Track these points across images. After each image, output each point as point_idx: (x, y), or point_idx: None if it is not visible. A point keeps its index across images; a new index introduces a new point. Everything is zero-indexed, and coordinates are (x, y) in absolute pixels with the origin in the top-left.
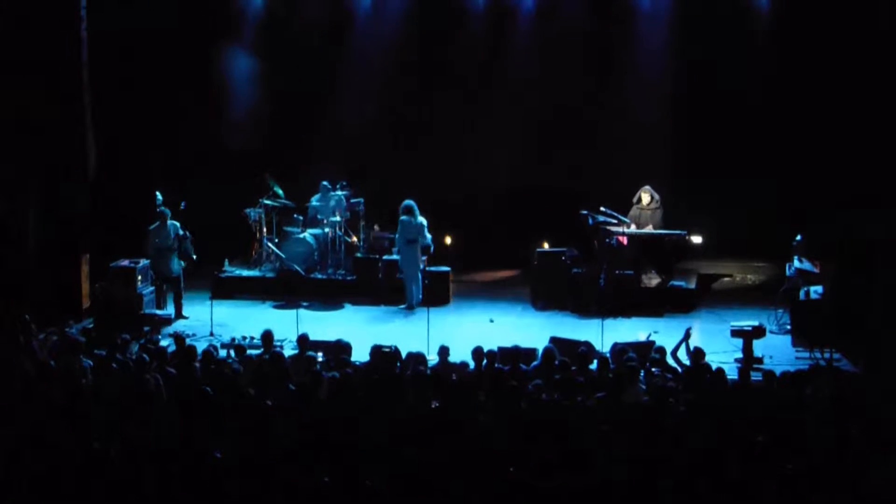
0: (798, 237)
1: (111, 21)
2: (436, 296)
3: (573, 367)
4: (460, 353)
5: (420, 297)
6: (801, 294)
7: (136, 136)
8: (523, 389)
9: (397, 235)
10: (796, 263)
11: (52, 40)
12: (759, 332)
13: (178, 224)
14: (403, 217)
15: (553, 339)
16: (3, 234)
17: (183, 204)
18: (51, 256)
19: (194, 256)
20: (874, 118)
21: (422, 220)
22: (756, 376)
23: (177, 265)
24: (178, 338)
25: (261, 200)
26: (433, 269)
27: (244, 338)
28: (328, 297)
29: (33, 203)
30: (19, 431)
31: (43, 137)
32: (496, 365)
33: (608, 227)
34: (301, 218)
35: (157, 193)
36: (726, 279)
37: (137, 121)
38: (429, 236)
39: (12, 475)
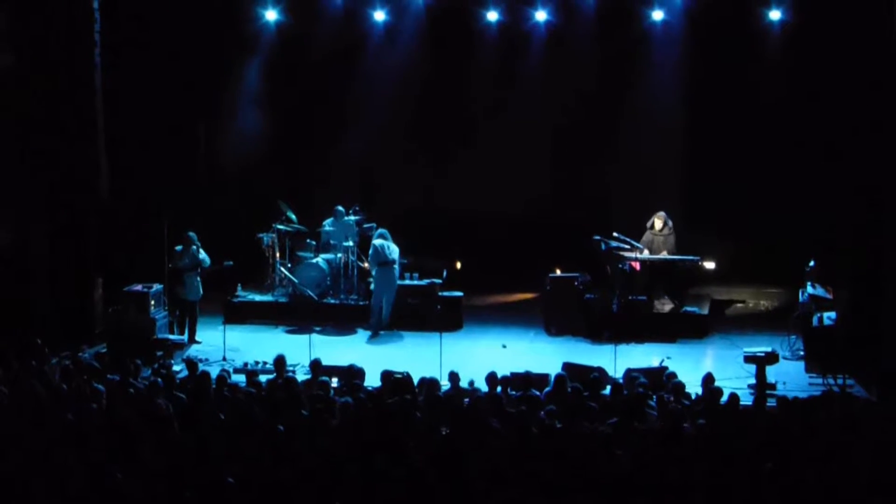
0: (811, 263)
1: (124, 45)
2: (448, 320)
3: (586, 393)
4: (473, 378)
5: (385, 321)
6: (815, 320)
7: (148, 161)
8: (535, 415)
9: (370, 259)
10: (809, 289)
11: (65, 65)
12: (772, 357)
13: (201, 251)
14: (377, 242)
15: (566, 365)
16: (15, 259)
17: (230, 263)
18: (63, 281)
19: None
20: (889, 143)
21: (394, 246)
22: (769, 402)
23: (194, 292)
24: (191, 363)
25: (274, 225)
26: (446, 293)
27: (257, 363)
28: (341, 321)
29: (46, 227)
30: (31, 456)
31: (55, 161)
32: (508, 391)
33: (621, 253)
34: (314, 243)
35: (191, 234)
36: (739, 305)
37: (150, 145)
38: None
39: (24, 500)
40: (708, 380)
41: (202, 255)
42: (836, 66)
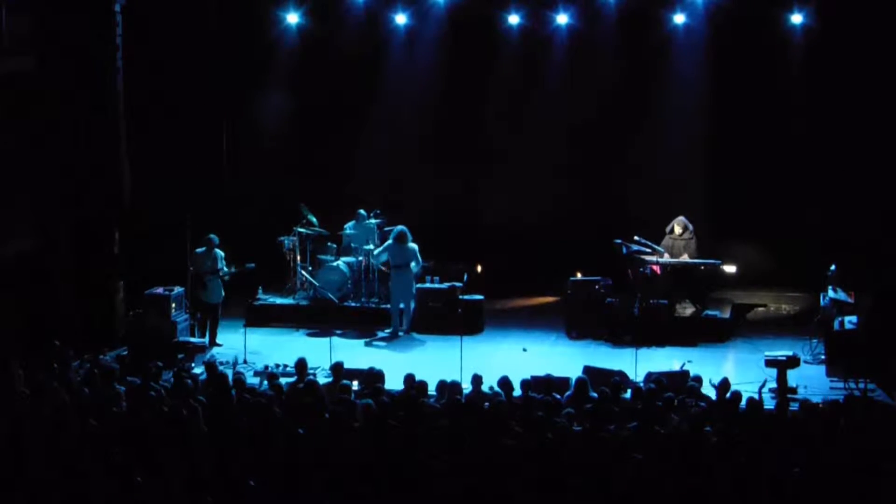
0: (832, 267)
1: (147, 51)
2: (469, 324)
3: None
4: (494, 382)
5: (407, 325)
6: (836, 324)
7: (170, 164)
8: (554, 419)
9: (378, 253)
10: (831, 293)
11: (87, 69)
12: (793, 361)
13: (223, 255)
14: (391, 242)
15: (587, 369)
16: (37, 263)
17: (251, 265)
18: (85, 284)
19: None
20: None
21: (413, 245)
22: (791, 406)
23: (216, 294)
24: (211, 366)
25: (295, 228)
26: (467, 297)
27: (277, 366)
28: (361, 325)
29: (68, 231)
30: (53, 460)
31: (78, 165)
32: (529, 394)
33: (642, 257)
34: (335, 246)
35: (213, 236)
36: (760, 309)
37: (172, 148)
38: (421, 260)
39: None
40: (723, 384)
41: (221, 263)
42: (858, 69)
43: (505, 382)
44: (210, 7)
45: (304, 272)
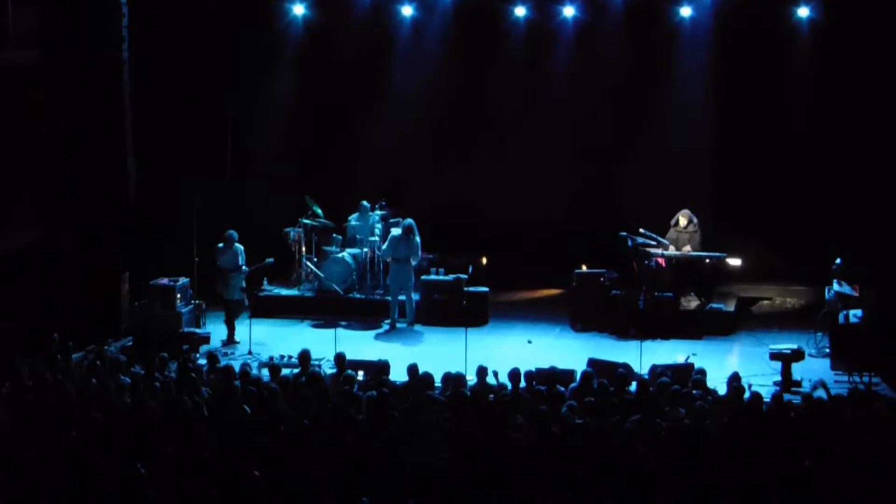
0: (838, 261)
1: (152, 40)
2: (474, 316)
3: (611, 389)
4: (497, 371)
5: (411, 317)
6: (841, 318)
7: (175, 154)
8: (558, 411)
9: (385, 249)
10: (836, 287)
11: (93, 60)
12: (798, 355)
13: (242, 249)
14: (397, 234)
15: (591, 361)
16: (42, 254)
17: (271, 260)
18: (90, 275)
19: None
20: None
21: (418, 240)
22: (795, 399)
23: (235, 290)
24: (212, 357)
25: (300, 220)
26: (472, 289)
27: (282, 357)
28: (366, 316)
29: (73, 223)
30: (57, 451)
31: (83, 155)
32: (533, 384)
33: (647, 249)
34: (340, 237)
35: (232, 232)
36: (765, 302)
37: (177, 141)
38: (420, 255)
39: (50, 495)
40: (734, 379)
41: (242, 259)
42: (865, 63)
43: (515, 374)
44: None
45: (309, 263)
